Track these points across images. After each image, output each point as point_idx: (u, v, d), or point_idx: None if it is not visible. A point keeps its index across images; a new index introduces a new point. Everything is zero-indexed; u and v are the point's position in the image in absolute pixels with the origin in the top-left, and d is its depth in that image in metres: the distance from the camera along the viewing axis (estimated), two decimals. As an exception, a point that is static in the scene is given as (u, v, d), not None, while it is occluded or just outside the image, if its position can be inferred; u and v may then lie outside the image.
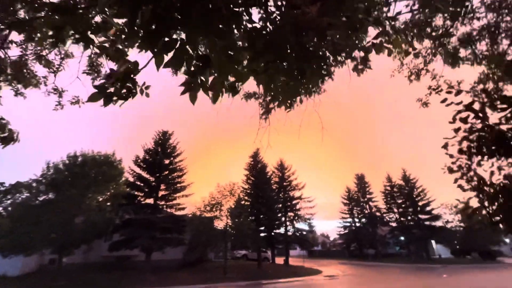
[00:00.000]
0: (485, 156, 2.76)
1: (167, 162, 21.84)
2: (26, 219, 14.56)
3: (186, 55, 1.52)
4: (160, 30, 1.46)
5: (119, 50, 1.76)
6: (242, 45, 1.78)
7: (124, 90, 1.72)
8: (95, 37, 1.87)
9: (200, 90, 1.75)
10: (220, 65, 1.59)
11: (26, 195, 16.35)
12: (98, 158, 19.92)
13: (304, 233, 31.52)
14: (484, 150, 2.50)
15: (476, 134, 2.61)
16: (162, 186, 21.36)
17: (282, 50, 1.66)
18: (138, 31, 1.50)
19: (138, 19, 1.46)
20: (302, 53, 1.68)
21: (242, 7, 1.70)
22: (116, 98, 1.75)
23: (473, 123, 2.55)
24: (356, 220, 41.91)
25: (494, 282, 16.75)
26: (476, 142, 2.65)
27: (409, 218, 37.58)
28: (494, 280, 18.16)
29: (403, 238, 38.71)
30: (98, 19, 2.43)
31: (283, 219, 29.95)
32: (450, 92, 2.76)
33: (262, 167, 29.37)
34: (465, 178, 3.07)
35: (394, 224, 39.74)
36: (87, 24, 1.76)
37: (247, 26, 1.71)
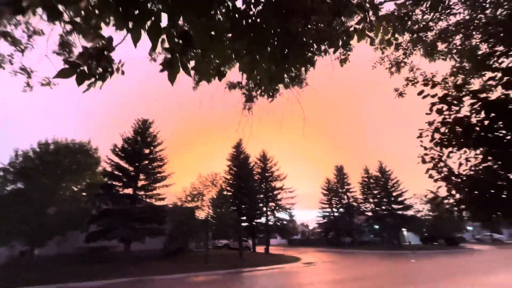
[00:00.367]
0: (455, 148, 2.93)
1: (147, 151, 21.25)
2: (-7, 210, 13.69)
3: (163, 30, 1.44)
4: (135, 1, 1.36)
5: (92, 25, 1.63)
6: (224, 26, 1.71)
7: (100, 70, 1.61)
8: (64, 10, 1.72)
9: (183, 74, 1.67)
10: (202, 44, 1.52)
11: (-8, 184, 15.32)
12: (72, 146, 18.98)
13: (284, 222, 32.26)
14: (454, 142, 2.65)
15: (447, 126, 2.75)
16: (142, 176, 20.84)
17: (265, 33, 1.62)
18: (110, 2, 1.39)
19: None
20: (286, 38, 1.65)
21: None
22: (93, 79, 1.64)
23: (446, 115, 2.68)
24: (335, 210, 43.45)
25: (454, 264, 18.27)
26: (447, 135, 2.79)
27: (383, 208, 39.53)
28: (454, 262, 19.94)
29: (377, 227, 40.83)
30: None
31: (265, 209, 30.43)
32: (426, 85, 2.87)
33: (244, 158, 29.44)
34: (435, 169, 3.25)
35: (369, 213, 41.66)
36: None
37: (229, 6, 1.65)
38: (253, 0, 1.90)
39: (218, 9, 1.59)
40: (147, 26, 1.43)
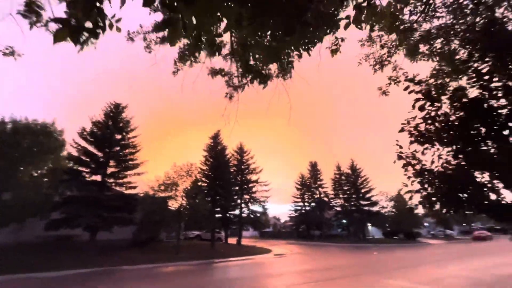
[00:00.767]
0: (430, 145, 3.11)
1: (118, 137, 20.16)
2: None
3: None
4: None
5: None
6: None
7: (90, 25, 1.44)
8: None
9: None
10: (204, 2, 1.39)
11: None
12: (33, 126, 17.43)
13: (258, 215, 32.70)
14: (434, 138, 2.80)
15: (428, 123, 2.90)
16: (112, 163, 19.78)
17: (273, 2, 1.54)
18: None
19: None
20: (294, 10, 1.58)
21: None
22: (86, 35, 1.46)
23: (429, 111, 2.82)
24: (307, 204, 44.89)
25: (411, 256, 19.91)
26: (426, 132, 2.95)
27: (352, 203, 41.63)
28: (411, 255, 21.84)
29: (345, 221, 43.01)
30: None
31: (239, 201, 30.55)
32: (412, 81, 2.99)
33: (221, 149, 29.15)
34: (410, 165, 3.44)
35: (339, 208, 43.67)
36: None
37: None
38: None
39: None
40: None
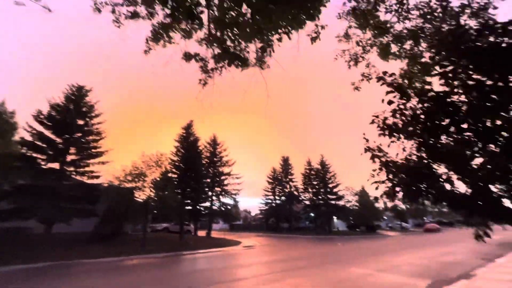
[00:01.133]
0: (396, 138, 3.28)
1: (81, 122, 18.69)
2: None
3: None
4: None
5: None
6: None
7: None
8: None
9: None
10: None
11: None
12: (-22, 106, 15.45)
13: (229, 207, 32.70)
14: (402, 128, 2.95)
15: (396, 116, 3.05)
16: (72, 150, 18.33)
17: None
18: None
19: None
20: None
21: None
22: None
23: (398, 103, 2.96)
24: (277, 197, 45.88)
25: (371, 246, 21.39)
26: (394, 125, 3.10)
27: (320, 197, 43.40)
28: (370, 244, 23.51)
29: (312, 214, 44.79)
30: None
31: (210, 193, 30.25)
32: (383, 77, 3.10)
33: (194, 140, 28.45)
34: (377, 156, 3.61)
35: (307, 202, 45.29)
36: None
37: None
38: None
39: None
40: None
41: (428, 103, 2.72)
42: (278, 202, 45.61)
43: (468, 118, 2.63)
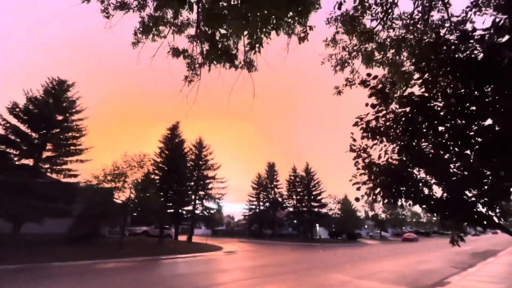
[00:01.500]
0: (379, 140, 3.35)
1: (60, 118, 17.85)
2: None
3: None
4: None
5: None
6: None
7: None
8: None
9: None
10: None
11: None
12: None
13: (212, 212, 32.15)
14: (382, 131, 3.01)
15: (378, 119, 3.12)
16: (49, 146, 17.43)
17: None
18: None
19: None
20: None
21: None
22: None
23: (379, 110, 3.03)
24: (261, 203, 45.70)
25: (352, 254, 21.69)
26: (376, 128, 3.17)
27: (303, 204, 43.65)
28: (350, 252, 23.90)
29: (295, 221, 44.90)
30: None
31: (193, 196, 29.68)
32: (364, 82, 3.18)
33: (179, 142, 27.94)
34: (360, 158, 3.67)
35: (291, 209, 45.41)
36: None
37: None
38: None
39: None
40: None
41: (407, 106, 2.82)
42: (262, 208, 45.42)
43: (446, 123, 2.73)
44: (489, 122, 2.99)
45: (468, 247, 30.69)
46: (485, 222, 3.08)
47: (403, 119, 2.85)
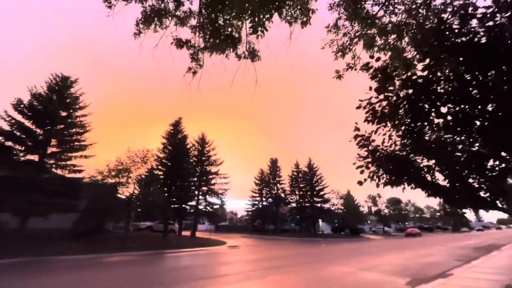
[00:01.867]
0: (383, 124, 3.35)
1: (64, 114, 18.00)
2: None
3: None
4: None
5: None
6: None
7: None
8: None
9: None
10: None
11: None
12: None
13: (215, 207, 32.33)
14: (387, 113, 3.01)
15: (381, 104, 3.11)
16: (54, 142, 17.62)
17: None
18: None
19: None
20: None
21: None
22: None
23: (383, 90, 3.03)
24: (264, 199, 45.84)
25: (354, 248, 21.75)
26: (380, 111, 3.17)
27: (306, 200, 43.70)
28: (353, 246, 23.97)
29: (298, 217, 45.00)
30: None
31: (197, 192, 29.84)
32: (367, 66, 3.17)
33: (182, 137, 28.01)
34: (365, 142, 3.67)
35: (294, 204, 45.50)
36: None
37: None
38: None
39: None
40: None
41: (411, 87, 2.81)
42: (265, 204, 45.57)
43: (448, 104, 2.72)
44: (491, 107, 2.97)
45: (472, 242, 30.62)
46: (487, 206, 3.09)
47: (406, 101, 2.85)
